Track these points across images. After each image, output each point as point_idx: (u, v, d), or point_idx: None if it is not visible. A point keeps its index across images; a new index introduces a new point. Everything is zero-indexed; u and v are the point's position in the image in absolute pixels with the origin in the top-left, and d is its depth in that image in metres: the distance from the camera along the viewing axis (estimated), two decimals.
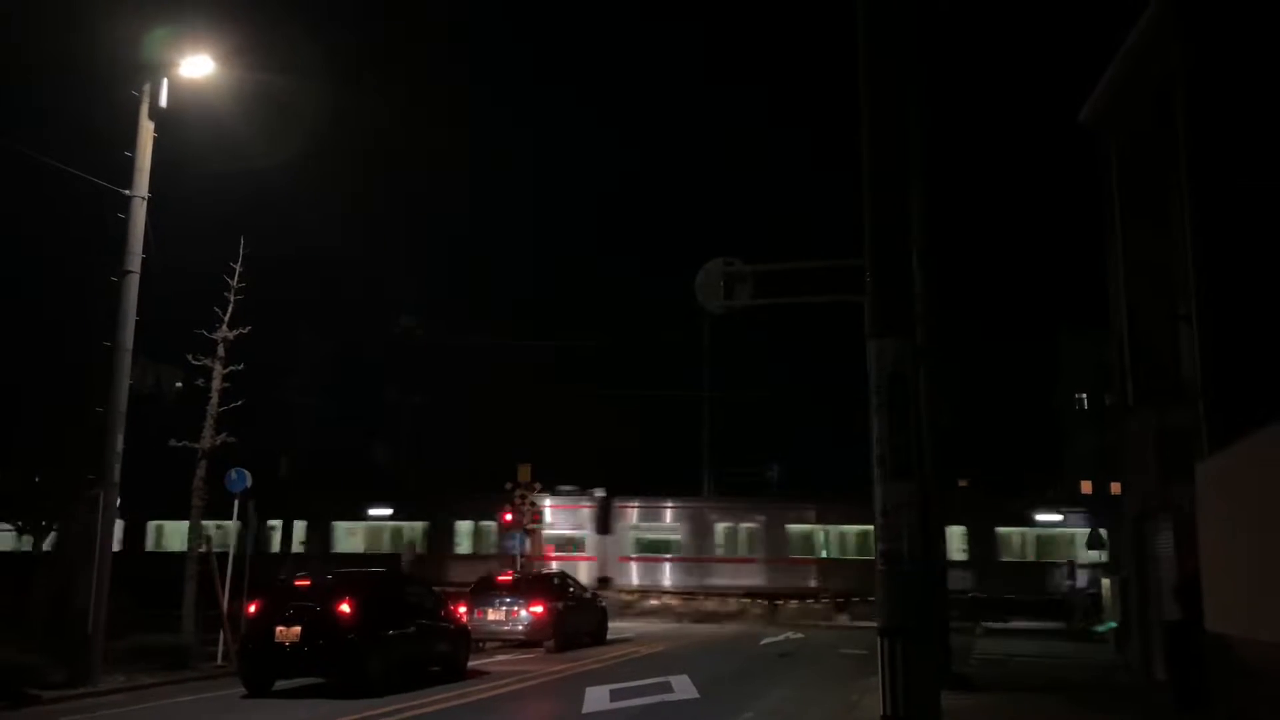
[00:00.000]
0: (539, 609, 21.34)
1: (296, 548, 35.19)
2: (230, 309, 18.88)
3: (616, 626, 25.97)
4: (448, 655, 16.51)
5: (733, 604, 33.25)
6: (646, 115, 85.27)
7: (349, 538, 36.08)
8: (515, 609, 21.37)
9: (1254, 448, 9.05)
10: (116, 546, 16.34)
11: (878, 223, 9.13)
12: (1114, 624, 27.01)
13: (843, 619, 31.20)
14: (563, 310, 63.26)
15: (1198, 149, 13.32)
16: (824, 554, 35.41)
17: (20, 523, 24.33)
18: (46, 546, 22.83)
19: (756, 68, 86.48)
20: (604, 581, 33.77)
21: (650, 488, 37.36)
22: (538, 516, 32.27)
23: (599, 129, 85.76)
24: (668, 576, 35.39)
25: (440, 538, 35.33)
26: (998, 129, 76.86)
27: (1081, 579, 29.68)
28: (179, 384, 18.93)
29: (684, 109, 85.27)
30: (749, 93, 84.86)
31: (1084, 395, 55.09)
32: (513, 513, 31.57)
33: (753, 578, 34.43)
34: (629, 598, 33.68)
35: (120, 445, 15.66)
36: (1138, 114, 16.10)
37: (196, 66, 16.54)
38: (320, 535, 35.57)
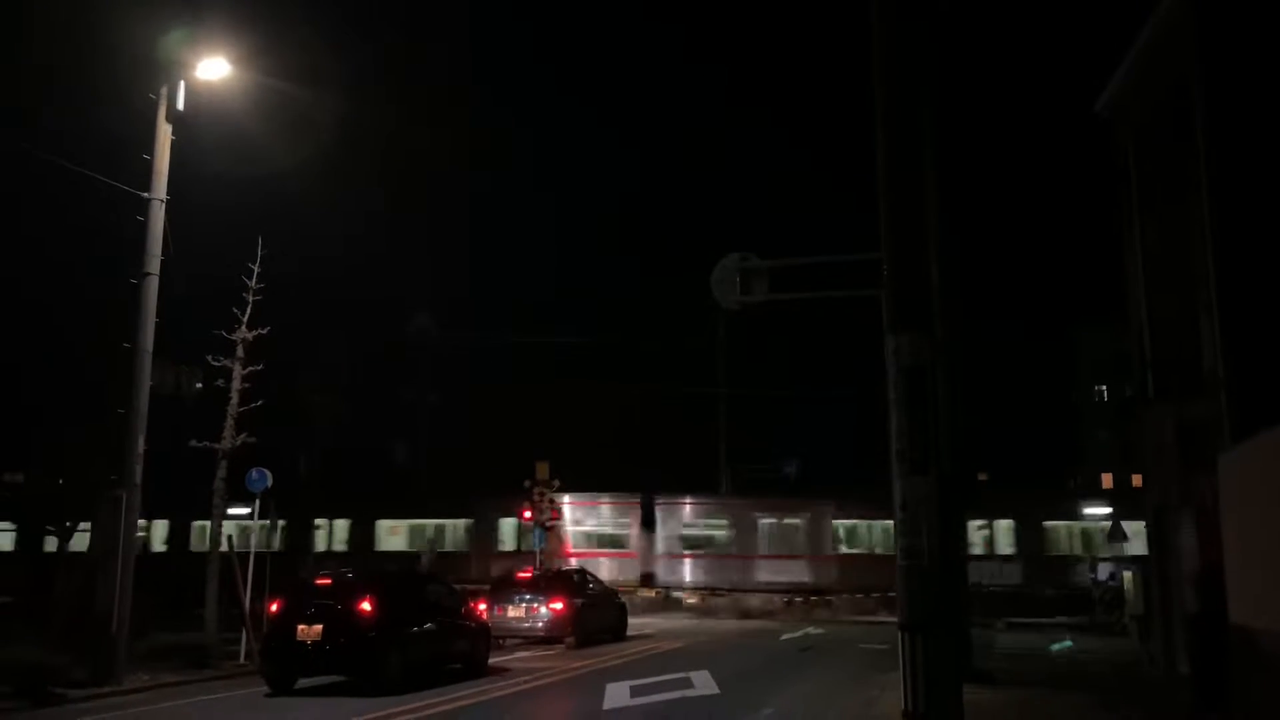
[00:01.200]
0: (559, 605, 21.39)
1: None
2: (249, 310, 18.98)
3: (636, 623, 26.00)
4: (468, 652, 16.57)
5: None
6: (651, 113, 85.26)
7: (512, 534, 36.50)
8: (535, 606, 21.43)
9: (1277, 439, 8.99)
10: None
11: (894, 217, 9.12)
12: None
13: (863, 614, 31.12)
14: (578, 309, 63.24)
15: (1216, 139, 13.22)
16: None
17: (45, 524, 24.55)
18: (71, 547, 23.04)
19: (766, 62, 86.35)
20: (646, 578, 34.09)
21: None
22: (556, 514, 32.37)
23: (606, 128, 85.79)
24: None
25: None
26: (1013, 121, 76.48)
27: (1103, 572, 29.52)
28: (199, 385, 19.00)
29: (694, 107, 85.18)
30: (760, 89, 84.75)
31: (1104, 388, 54.83)
32: (531, 509, 31.65)
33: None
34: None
35: (142, 446, 15.76)
36: (1155, 104, 15.98)
37: (212, 69, 16.62)
38: (487, 531, 36.14)
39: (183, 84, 16.47)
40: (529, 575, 23.32)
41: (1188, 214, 14.25)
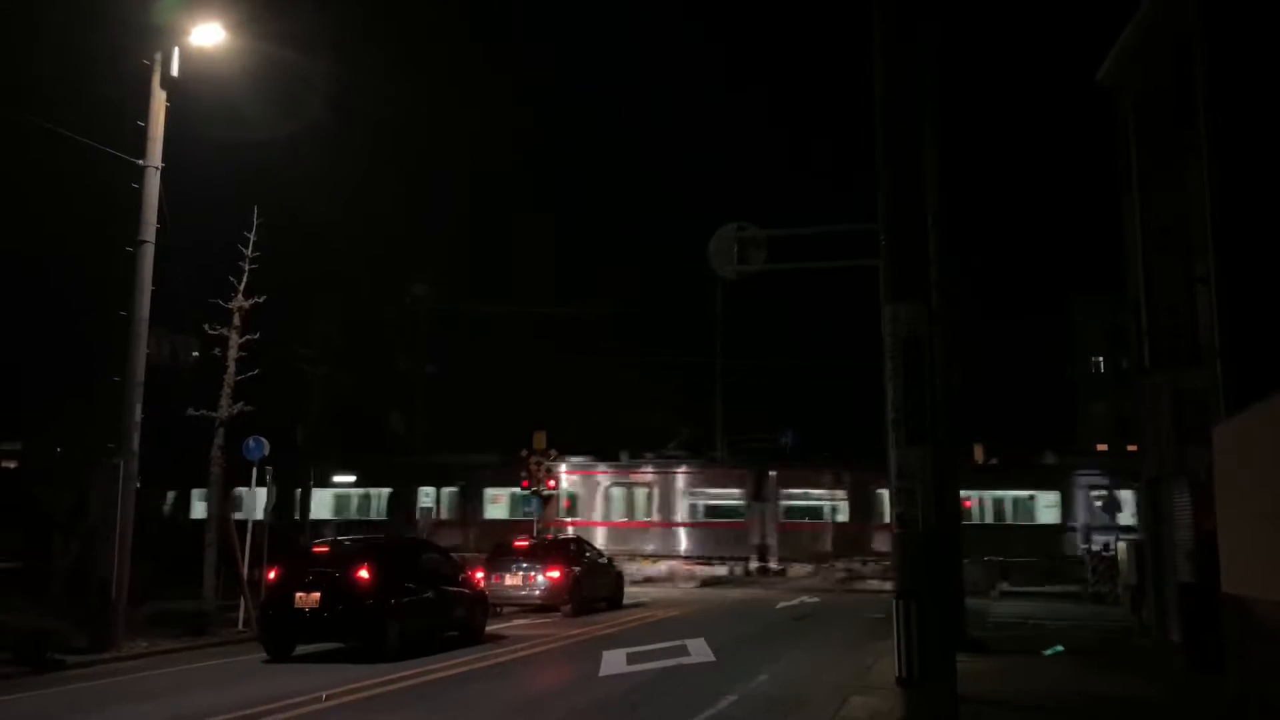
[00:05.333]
0: (556, 574, 21.49)
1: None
2: (245, 278, 18.93)
3: (632, 591, 26.15)
4: (465, 620, 16.66)
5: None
6: (652, 82, 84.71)
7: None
8: (532, 574, 21.53)
9: (1271, 409, 9.02)
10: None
11: (892, 187, 9.10)
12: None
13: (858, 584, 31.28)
14: (574, 279, 63.07)
15: (1216, 109, 13.15)
16: None
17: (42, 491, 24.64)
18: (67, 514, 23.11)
19: (766, 33, 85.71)
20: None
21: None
22: (552, 483, 32.51)
23: (603, 96, 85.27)
24: None
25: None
26: (1013, 90, 76.13)
27: (1097, 541, 29.73)
28: (195, 353, 19.06)
29: (692, 75, 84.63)
30: (759, 62, 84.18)
31: (1100, 359, 54.92)
32: (529, 478, 31.80)
33: None
34: None
35: (138, 415, 15.77)
36: (1155, 73, 15.90)
37: (207, 35, 16.48)
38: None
39: (177, 50, 16.33)
40: (526, 543, 23.42)
41: (1186, 184, 14.21)
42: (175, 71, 16.30)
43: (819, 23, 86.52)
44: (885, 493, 33.04)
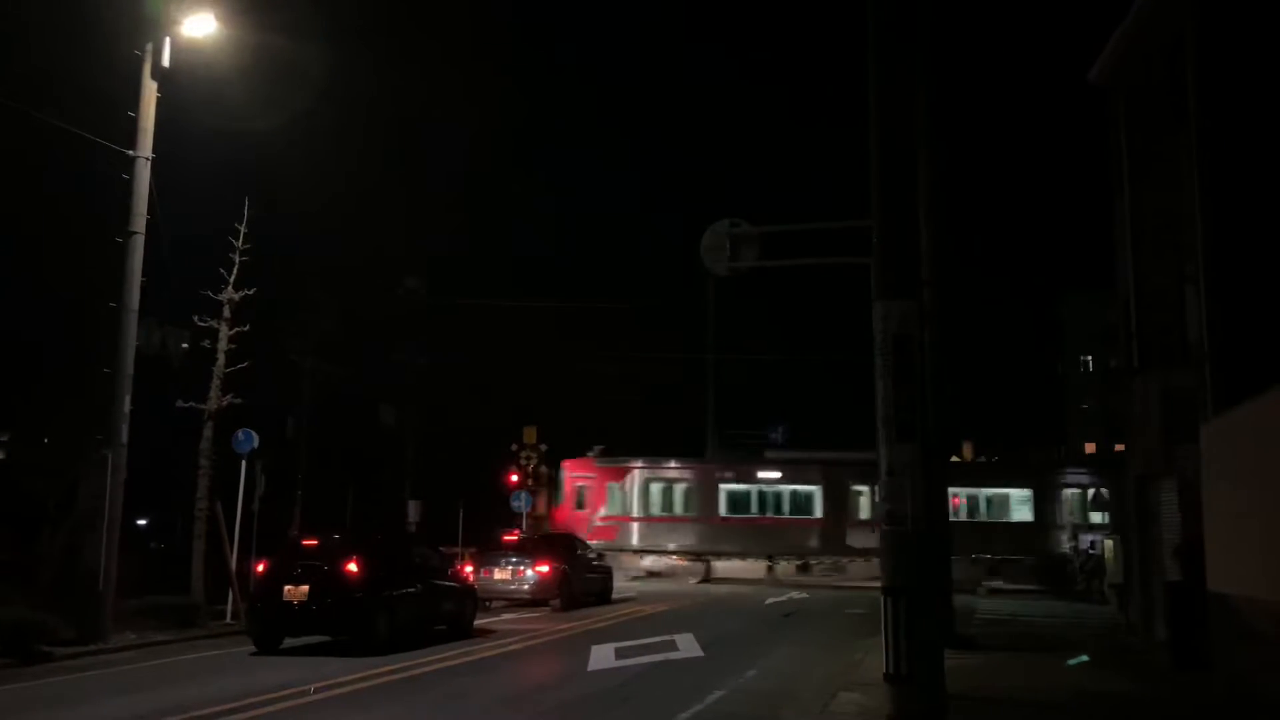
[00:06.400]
0: (545, 568, 21.52)
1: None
2: (235, 270, 18.87)
3: (621, 587, 26.18)
4: (454, 614, 16.66)
5: None
6: (651, 73, 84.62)
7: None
8: (522, 568, 21.56)
9: (1259, 409, 9.06)
10: None
11: (884, 185, 9.13)
12: None
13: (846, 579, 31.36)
14: (567, 271, 63.02)
15: (1207, 108, 13.19)
16: None
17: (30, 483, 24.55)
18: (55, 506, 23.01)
19: (762, 31, 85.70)
20: None
21: None
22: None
23: (602, 86, 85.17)
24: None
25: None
26: (1006, 88, 76.24)
27: (1084, 540, 29.85)
28: (185, 345, 19.00)
29: (690, 68, 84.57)
30: (755, 60, 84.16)
31: (1090, 358, 55.16)
32: (518, 473, 31.83)
33: None
34: None
35: (127, 406, 15.71)
36: (1148, 72, 15.94)
37: (198, 25, 16.41)
38: None
39: (168, 40, 16.25)
40: (515, 538, 23.44)
41: (1178, 183, 14.25)
42: (166, 62, 16.22)
43: (813, 20, 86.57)
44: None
